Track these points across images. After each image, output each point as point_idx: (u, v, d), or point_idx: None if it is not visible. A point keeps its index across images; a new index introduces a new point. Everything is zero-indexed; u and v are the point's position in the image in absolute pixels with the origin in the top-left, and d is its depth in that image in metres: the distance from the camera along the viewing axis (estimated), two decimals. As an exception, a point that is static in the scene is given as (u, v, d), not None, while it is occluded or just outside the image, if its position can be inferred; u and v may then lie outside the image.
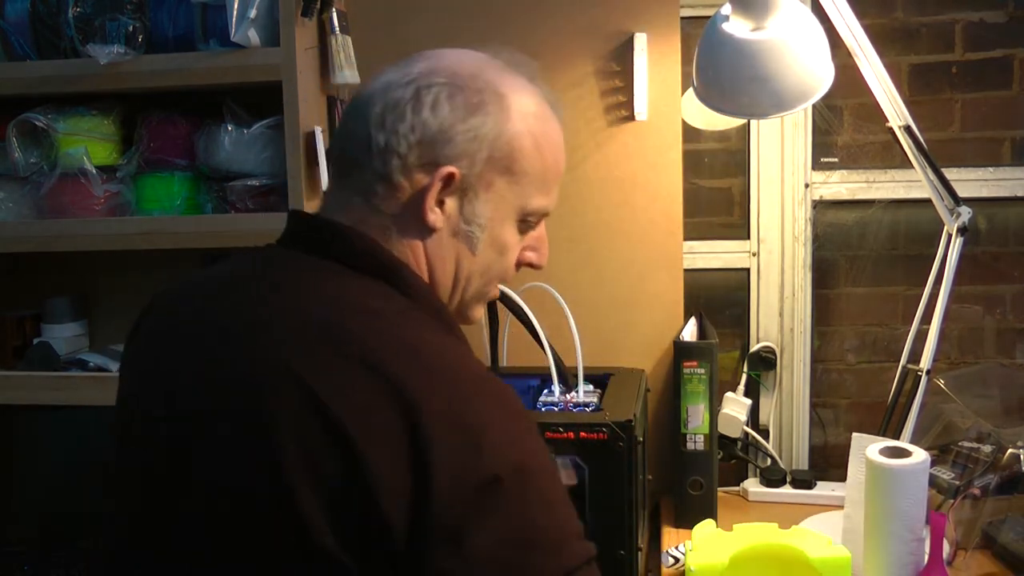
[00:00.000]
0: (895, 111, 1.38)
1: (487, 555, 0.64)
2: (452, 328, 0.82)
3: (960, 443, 1.47)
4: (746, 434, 1.64)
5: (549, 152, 0.84)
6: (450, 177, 0.79)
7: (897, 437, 1.42)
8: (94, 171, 1.44)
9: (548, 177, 0.85)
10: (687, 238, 1.68)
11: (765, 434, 1.70)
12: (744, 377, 1.70)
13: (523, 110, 0.82)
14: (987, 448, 1.43)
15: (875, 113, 1.48)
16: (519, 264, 0.89)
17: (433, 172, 0.78)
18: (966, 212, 1.41)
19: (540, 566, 0.66)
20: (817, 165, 1.71)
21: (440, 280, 0.83)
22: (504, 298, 1.34)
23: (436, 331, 0.76)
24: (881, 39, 1.58)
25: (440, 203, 0.80)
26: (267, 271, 0.80)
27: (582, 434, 1.18)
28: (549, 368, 1.33)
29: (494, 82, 0.81)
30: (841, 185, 1.72)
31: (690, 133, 1.64)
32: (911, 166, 1.43)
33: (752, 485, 1.64)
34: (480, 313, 0.90)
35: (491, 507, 0.65)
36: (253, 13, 1.36)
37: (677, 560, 1.37)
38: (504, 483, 0.65)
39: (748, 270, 1.74)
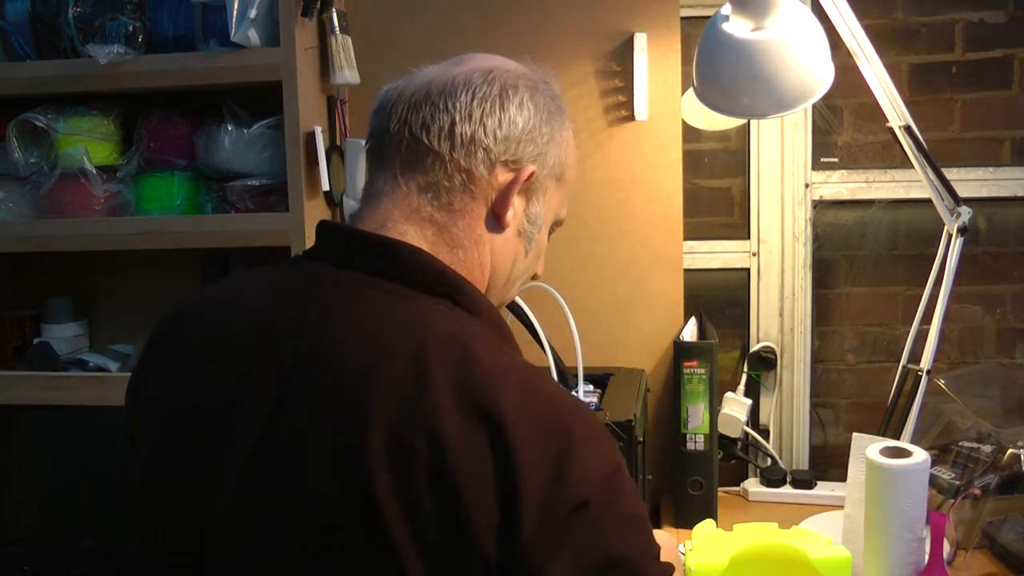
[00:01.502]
0: (895, 111, 1.38)
1: None
2: (510, 340, 0.81)
3: (960, 443, 1.47)
4: (746, 434, 1.64)
5: (578, 166, 0.90)
6: (531, 175, 0.81)
7: (897, 437, 1.42)
8: (94, 171, 1.44)
9: (572, 190, 0.90)
10: (687, 238, 1.68)
11: (765, 434, 1.70)
12: (744, 377, 1.70)
13: (569, 124, 0.86)
14: (987, 448, 1.43)
15: (875, 113, 1.48)
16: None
17: (516, 169, 0.80)
18: (966, 212, 1.41)
19: None
20: (817, 165, 1.71)
21: (498, 279, 0.84)
22: (504, 298, 1.33)
23: (502, 351, 0.73)
24: (881, 39, 1.58)
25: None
26: (323, 294, 0.74)
27: (582, 434, 1.18)
28: (549, 368, 1.33)
29: (557, 92, 0.85)
30: (841, 185, 1.72)
31: (690, 133, 1.64)
32: (911, 166, 1.43)
33: (752, 485, 1.64)
34: None
35: (577, 531, 0.64)
36: (253, 13, 1.36)
37: (677, 560, 1.37)
38: (591, 506, 0.64)
39: (748, 270, 1.74)
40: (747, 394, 1.67)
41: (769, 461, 1.69)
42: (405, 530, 0.62)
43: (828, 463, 1.75)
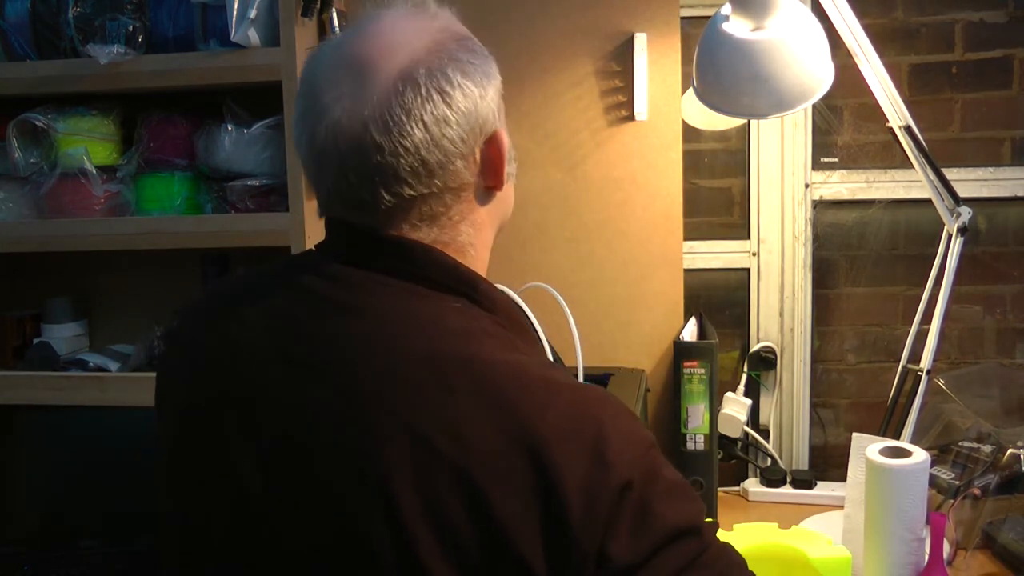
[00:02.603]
0: (895, 111, 1.38)
1: (631, 557, 0.63)
2: (528, 335, 0.80)
3: (960, 443, 1.47)
4: (746, 434, 1.64)
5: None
6: (501, 136, 0.77)
7: (897, 437, 1.42)
8: (94, 171, 1.44)
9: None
10: (687, 238, 1.68)
11: (765, 434, 1.70)
12: (744, 377, 1.70)
13: (494, 61, 0.81)
14: (987, 448, 1.43)
15: (875, 113, 1.48)
16: None
17: (491, 141, 0.76)
18: (966, 212, 1.41)
19: (684, 549, 0.66)
20: (817, 165, 1.71)
21: (499, 228, 0.83)
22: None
23: (518, 348, 0.72)
24: (881, 39, 1.58)
25: None
26: (338, 294, 0.73)
27: (582, 434, 1.18)
28: (549, 368, 1.33)
29: (471, 38, 0.80)
30: (841, 185, 1.72)
31: (690, 133, 1.64)
32: (911, 166, 1.43)
33: (752, 485, 1.64)
34: None
35: (628, 510, 0.63)
36: (253, 13, 1.36)
37: (677, 560, 1.37)
38: (635, 485, 0.64)
39: (748, 270, 1.74)
40: (747, 394, 1.67)
41: (769, 461, 1.69)
42: (428, 532, 0.62)
43: (828, 463, 1.75)
